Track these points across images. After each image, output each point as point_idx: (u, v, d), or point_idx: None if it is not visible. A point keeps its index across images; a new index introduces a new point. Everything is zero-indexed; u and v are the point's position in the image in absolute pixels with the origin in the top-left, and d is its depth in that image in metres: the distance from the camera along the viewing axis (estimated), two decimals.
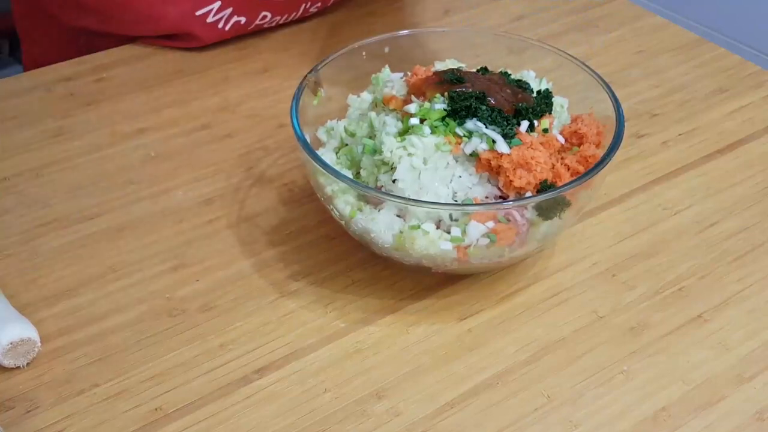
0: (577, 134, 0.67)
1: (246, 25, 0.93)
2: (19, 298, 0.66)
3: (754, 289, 0.68)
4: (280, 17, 0.95)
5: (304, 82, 0.69)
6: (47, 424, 0.58)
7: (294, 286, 0.67)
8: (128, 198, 0.75)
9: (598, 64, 0.86)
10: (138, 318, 0.65)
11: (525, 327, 0.65)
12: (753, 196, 0.76)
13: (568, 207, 0.63)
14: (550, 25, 0.98)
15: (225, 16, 0.91)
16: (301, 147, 0.64)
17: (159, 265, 0.69)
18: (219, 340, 0.63)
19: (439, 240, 0.61)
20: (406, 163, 0.62)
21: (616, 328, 0.64)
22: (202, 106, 0.86)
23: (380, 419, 0.58)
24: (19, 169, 0.78)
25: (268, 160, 0.79)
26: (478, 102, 0.64)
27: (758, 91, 0.88)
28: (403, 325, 0.65)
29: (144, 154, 0.80)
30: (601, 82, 0.69)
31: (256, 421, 0.58)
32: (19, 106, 0.85)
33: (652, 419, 0.58)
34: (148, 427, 0.58)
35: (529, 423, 0.58)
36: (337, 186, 0.64)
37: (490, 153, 0.63)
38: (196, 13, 0.91)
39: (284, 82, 0.88)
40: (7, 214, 0.73)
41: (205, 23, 0.91)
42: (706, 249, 0.71)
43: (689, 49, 0.94)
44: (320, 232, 0.72)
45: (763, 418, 0.59)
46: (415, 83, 0.69)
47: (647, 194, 0.76)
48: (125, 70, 0.90)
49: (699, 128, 0.84)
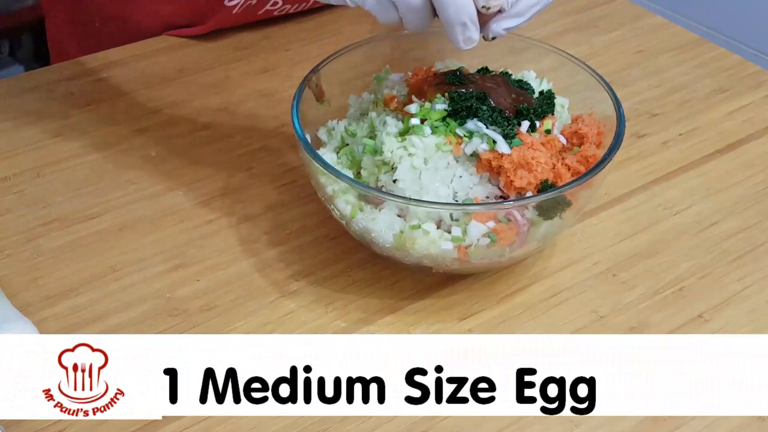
0: (577, 134, 0.67)
1: (256, 8, 0.93)
2: (19, 298, 0.66)
3: (754, 289, 0.68)
4: (290, 6, 0.95)
5: (304, 82, 0.69)
6: (48, 424, 0.58)
7: (294, 286, 0.67)
8: (128, 198, 0.75)
9: (598, 64, 0.86)
10: (138, 318, 0.65)
11: (525, 327, 0.65)
12: (753, 196, 0.76)
13: (568, 207, 0.63)
14: (550, 25, 0.98)
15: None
16: (302, 147, 0.64)
17: (159, 264, 0.69)
18: None
19: (440, 240, 0.61)
20: (407, 163, 0.62)
21: (616, 328, 0.64)
22: (202, 106, 0.86)
23: (380, 419, 0.58)
24: (19, 169, 0.78)
25: (268, 160, 0.79)
26: (478, 102, 0.64)
27: (758, 91, 0.88)
28: (403, 325, 0.65)
29: (144, 154, 0.80)
30: (602, 82, 0.69)
31: (256, 421, 0.58)
32: (19, 106, 0.85)
33: (652, 419, 0.58)
34: (148, 427, 0.58)
35: (529, 423, 0.58)
36: (337, 186, 0.64)
37: (491, 153, 0.63)
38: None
39: (284, 82, 0.88)
40: (8, 214, 0.73)
41: (222, 5, 0.91)
42: (706, 249, 0.71)
43: (689, 49, 0.94)
44: (320, 232, 0.72)
45: (763, 418, 0.59)
46: (416, 83, 0.69)
47: (647, 194, 0.76)
48: (125, 70, 0.90)
49: (699, 128, 0.84)
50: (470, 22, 0.59)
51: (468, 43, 0.60)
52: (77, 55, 0.92)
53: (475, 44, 0.61)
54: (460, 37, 0.60)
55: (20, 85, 0.88)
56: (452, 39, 0.60)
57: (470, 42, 0.60)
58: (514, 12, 0.61)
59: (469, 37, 0.60)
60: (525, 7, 0.61)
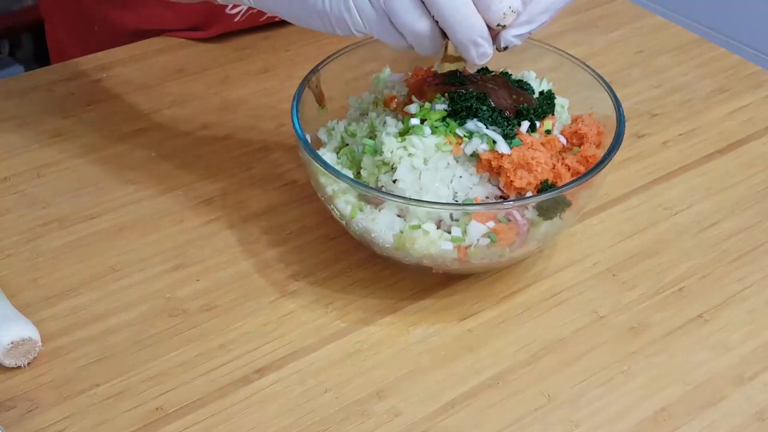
0: (577, 134, 0.67)
1: (258, 15, 0.93)
2: (19, 298, 0.66)
3: (754, 289, 0.68)
4: None
5: (304, 82, 0.69)
6: (47, 423, 0.58)
7: (294, 286, 0.67)
8: (128, 198, 0.75)
9: (598, 64, 0.87)
10: (138, 318, 0.65)
11: (525, 327, 0.65)
12: (753, 196, 0.76)
13: (568, 207, 0.63)
14: (550, 25, 0.97)
15: (243, 8, 0.92)
16: (302, 147, 0.64)
17: (159, 265, 0.69)
18: (219, 340, 0.63)
19: (440, 240, 0.61)
20: (407, 163, 0.62)
21: (616, 328, 0.64)
22: (202, 106, 0.86)
23: (380, 419, 0.58)
24: (19, 169, 0.78)
25: (268, 160, 0.79)
26: (478, 102, 0.64)
27: (758, 91, 0.88)
28: (403, 325, 0.65)
29: (144, 154, 0.80)
30: (602, 82, 0.69)
31: (256, 421, 0.58)
32: (19, 106, 0.85)
33: (652, 419, 0.59)
34: (148, 427, 0.58)
35: (529, 423, 0.58)
36: (337, 186, 0.64)
37: (491, 153, 0.63)
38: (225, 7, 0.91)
39: (284, 82, 0.88)
40: (8, 214, 0.73)
41: (224, 14, 0.91)
42: (706, 249, 0.71)
43: (689, 49, 0.94)
44: (320, 232, 0.72)
45: (763, 418, 0.59)
46: (416, 83, 0.69)
47: (647, 194, 0.76)
48: (125, 70, 0.90)
49: (699, 128, 0.84)
50: (482, 39, 0.58)
51: (483, 58, 0.59)
52: (77, 56, 0.92)
53: (490, 57, 0.60)
54: (474, 54, 0.59)
55: (20, 85, 0.88)
56: (467, 57, 0.59)
57: (485, 57, 0.59)
58: (524, 19, 0.60)
59: (484, 53, 0.59)
60: (535, 14, 0.60)
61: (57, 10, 1.01)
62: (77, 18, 0.99)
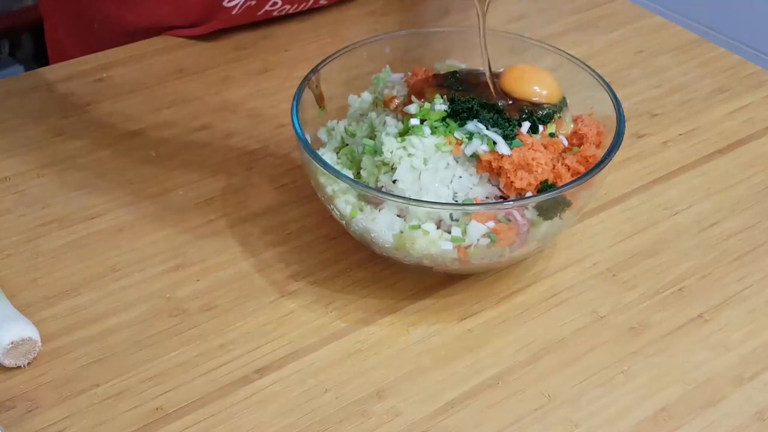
0: (577, 134, 0.67)
1: (256, 9, 0.93)
2: (19, 298, 0.66)
3: (754, 289, 0.68)
4: (290, 6, 0.95)
5: (304, 82, 0.69)
6: (47, 423, 0.58)
7: (294, 286, 0.67)
8: (128, 198, 0.75)
9: (598, 64, 0.87)
10: (138, 318, 0.65)
11: (525, 327, 0.65)
12: (753, 196, 0.76)
13: (568, 207, 0.63)
14: (550, 25, 0.98)
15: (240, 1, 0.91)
16: (302, 147, 0.64)
17: (159, 265, 0.69)
18: (219, 340, 0.63)
19: (440, 240, 0.61)
20: (407, 163, 0.62)
21: (616, 328, 0.64)
22: (202, 106, 0.86)
23: (380, 419, 0.58)
24: (19, 169, 0.78)
25: (268, 160, 0.79)
26: (479, 104, 0.64)
27: (758, 91, 0.88)
28: (403, 325, 0.65)
29: (144, 154, 0.80)
30: (602, 82, 0.69)
31: (256, 421, 0.58)
32: (19, 106, 0.85)
33: (652, 419, 0.59)
34: (148, 427, 0.58)
35: (529, 423, 0.58)
36: (337, 186, 0.64)
37: (491, 154, 0.63)
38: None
39: (284, 82, 0.88)
40: (8, 214, 0.73)
41: (222, 6, 0.91)
42: (706, 249, 0.71)
43: (689, 49, 0.94)
44: (320, 232, 0.72)
45: (763, 418, 0.59)
46: (415, 84, 0.69)
47: (647, 194, 0.76)
48: (125, 70, 0.90)
49: (699, 128, 0.84)
50: None
51: None
52: (77, 56, 0.92)
53: None
54: None
55: (20, 85, 0.88)
56: None
57: None
58: None
59: None
60: None
61: (56, 10, 1.01)
62: (77, 17, 0.99)
